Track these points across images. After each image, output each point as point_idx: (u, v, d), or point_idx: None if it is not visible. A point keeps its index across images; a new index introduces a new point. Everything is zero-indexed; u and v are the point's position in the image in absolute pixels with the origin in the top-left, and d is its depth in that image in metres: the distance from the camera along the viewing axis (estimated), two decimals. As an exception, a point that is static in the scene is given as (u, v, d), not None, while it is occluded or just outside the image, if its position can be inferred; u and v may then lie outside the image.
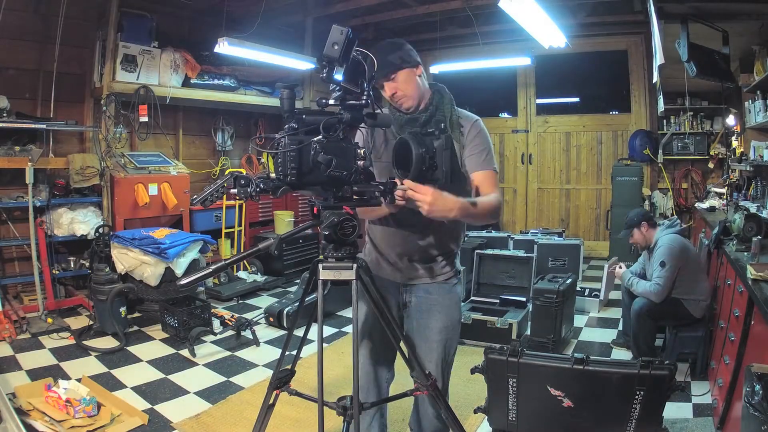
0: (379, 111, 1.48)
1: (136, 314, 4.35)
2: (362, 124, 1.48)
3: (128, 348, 3.66)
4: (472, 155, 1.76)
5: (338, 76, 1.32)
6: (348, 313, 4.46)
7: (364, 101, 1.40)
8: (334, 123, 1.37)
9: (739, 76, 4.56)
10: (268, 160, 6.17)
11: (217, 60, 5.43)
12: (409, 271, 1.84)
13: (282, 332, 4.11)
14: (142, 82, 4.90)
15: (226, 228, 5.53)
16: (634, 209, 3.84)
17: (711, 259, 3.57)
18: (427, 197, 1.45)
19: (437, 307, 1.84)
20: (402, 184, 1.48)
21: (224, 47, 4.46)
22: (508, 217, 7.49)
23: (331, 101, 1.41)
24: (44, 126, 4.22)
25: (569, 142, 7.06)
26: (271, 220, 6.09)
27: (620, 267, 3.67)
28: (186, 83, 5.30)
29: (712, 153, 6.04)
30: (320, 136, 1.34)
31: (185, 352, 3.61)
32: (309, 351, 3.51)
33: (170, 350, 3.68)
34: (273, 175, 1.31)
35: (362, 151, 1.39)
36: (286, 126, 1.32)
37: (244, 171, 5.69)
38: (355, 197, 1.43)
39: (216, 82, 5.55)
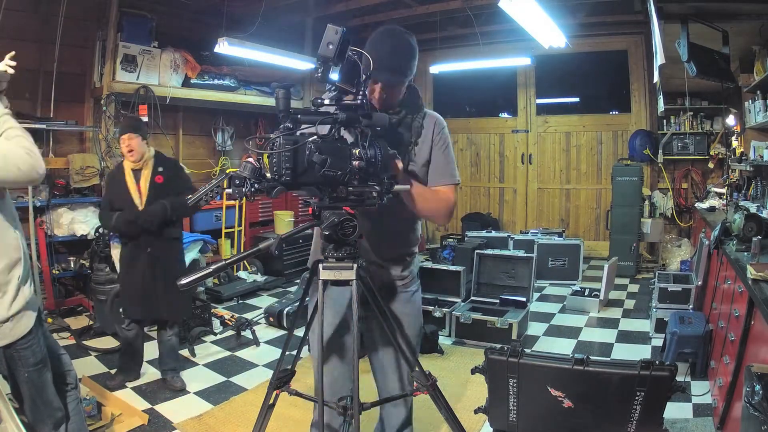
0: (375, 110, 1.47)
1: (136, 314, 4.34)
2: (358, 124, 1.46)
3: (128, 348, 3.66)
4: (438, 168, 1.71)
5: (334, 76, 1.31)
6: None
7: (359, 101, 1.39)
8: (329, 123, 1.36)
9: (739, 76, 4.55)
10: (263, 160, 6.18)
11: (217, 60, 5.42)
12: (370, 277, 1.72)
13: (282, 332, 4.11)
14: (142, 82, 4.89)
15: (226, 228, 5.53)
16: None
17: (711, 259, 3.57)
18: None
19: (401, 318, 1.73)
20: None
21: (224, 47, 4.46)
22: (508, 217, 7.49)
23: (327, 101, 1.40)
24: (44, 126, 4.22)
25: (569, 142, 7.05)
26: (271, 220, 6.10)
27: None
28: (186, 83, 5.30)
29: (712, 153, 6.03)
30: (315, 136, 1.33)
31: (185, 352, 3.60)
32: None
33: (170, 350, 3.67)
34: (269, 174, 1.30)
35: (357, 151, 1.38)
36: (281, 126, 1.31)
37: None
38: (351, 197, 1.42)
39: (216, 82, 5.55)
